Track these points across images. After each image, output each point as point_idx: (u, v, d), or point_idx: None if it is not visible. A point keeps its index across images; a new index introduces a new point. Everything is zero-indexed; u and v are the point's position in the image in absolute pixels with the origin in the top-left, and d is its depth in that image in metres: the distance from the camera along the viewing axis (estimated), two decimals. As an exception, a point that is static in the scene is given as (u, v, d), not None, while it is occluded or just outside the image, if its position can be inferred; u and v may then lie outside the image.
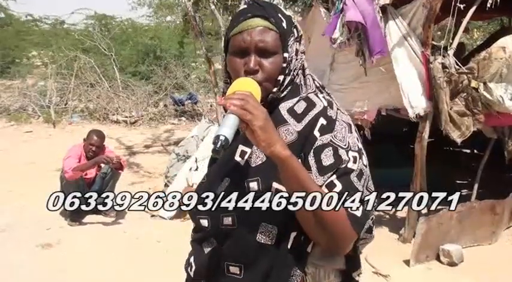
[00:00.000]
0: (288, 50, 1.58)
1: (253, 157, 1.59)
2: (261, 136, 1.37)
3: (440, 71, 5.41)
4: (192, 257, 1.73)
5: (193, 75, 17.20)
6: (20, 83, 16.16)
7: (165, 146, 10.59)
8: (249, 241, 1.56)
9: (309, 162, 1.52)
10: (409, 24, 5.64)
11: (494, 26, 10.51)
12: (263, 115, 1.39)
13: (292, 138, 1.54)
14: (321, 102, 1.62)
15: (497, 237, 5.70)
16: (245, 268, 1.58)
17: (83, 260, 5.15)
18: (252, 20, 1.55)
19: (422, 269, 5.05)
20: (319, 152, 1.52)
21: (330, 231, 1.48)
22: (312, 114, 1.58)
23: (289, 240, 1.56)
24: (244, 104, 1.37)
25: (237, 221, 1.57)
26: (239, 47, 1.56)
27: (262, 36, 1.54)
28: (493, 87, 5.37)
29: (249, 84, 1.49)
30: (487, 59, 5.46)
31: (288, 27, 1.59)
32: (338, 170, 1.51)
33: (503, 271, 4.98)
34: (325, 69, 6.43)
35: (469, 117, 5.52)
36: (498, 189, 6.07)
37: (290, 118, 1.58)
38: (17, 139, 11.29)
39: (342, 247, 1.56)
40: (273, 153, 1.40)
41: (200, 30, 9.77)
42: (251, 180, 1.57)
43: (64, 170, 6.14)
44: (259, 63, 1.55)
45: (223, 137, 1.32)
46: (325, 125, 1.56)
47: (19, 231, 5.89)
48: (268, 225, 1.55)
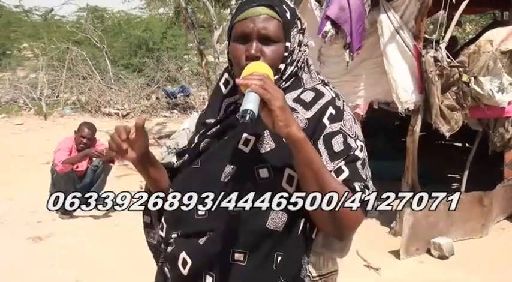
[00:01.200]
0: (291, 39, 1.59)
1: (263, 144, 1.58)
2: (279, 116, 1.37)
3: (432, 65, 5.42)
4: (183, 253, 1.61)
5: (185, 67, 17.14)
6: (10, 75, 16.07)
7: (156, 138, 10.57)
8: (258, 227, 1.55)
9: (318, 149, 1.53)
10: (402, 18, 5.64)
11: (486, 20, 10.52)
12: (281, 95, 1.40)
13: (302, 125, 1.53)
14: (329, 92, 1.64)
15: (488, 230, 5.72)
16: (250, 255, 1.56)
17: (73, 253, 5.14)
18: (257, 8, 1.57)
19: (413, 262, 5.07)
20: (330, 138, 1.55)
21: (342, 221, 1.49)
22: (322, 103, 1.60)
23: (298, 228, 1.57)
24: (264, 84, 1.38)
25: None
26: (242, 33, 1.57)
27: (265, 23, 1.55)
28: (483, 81, 5.38)
29: (264, 68, 1.50)
30: (476, 52, 5.48)
31: (291, 18, 1.60)
32: (347, 156, 1.54)
33: (494, 264, 5.01)
34: (315, 63, 6.41)
35: (458, 111, 5.53)
36: (487, 182, 6.08)
37: (298, 106, 1.59)
38: (8, 131, 11.24)
39: (347, 232, 1.57)
40: (289, 134, 1.40)
41: (192, 23, 9.75)
42: (261, 166, 1.56)
43: (55, 162, 6.12)
44: (261, 50, 1.56)
45: (251, 110, 1.33)
46: (334, 115, 1.59)
47: (10, 224, 5.88)
48: (279, 211, 1.54)
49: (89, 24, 17.88)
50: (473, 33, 11.49)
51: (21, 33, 20.03)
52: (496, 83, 5.46)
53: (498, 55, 5.50)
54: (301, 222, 1.57)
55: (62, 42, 15.80)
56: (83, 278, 4.63)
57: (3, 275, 4.61)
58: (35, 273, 4.69)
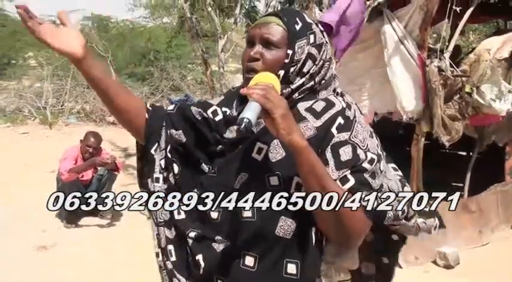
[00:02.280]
0: (295, 48, 1.63)
1: (273, 152, 1.62)
2: (281, 124, 1.42)
3: (436, 74, 5.42)
4: (199, 255, 1.67)
5: (189, 77, 17.19)
6: (15, 84, 16.08)
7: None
8: (268, 234, 1.59)
9: (326, 157, 1.57)
10: (406, 27, 5.63)
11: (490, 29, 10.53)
12: (283, 104, 1.45)
13: (311, 134, 1.59)
14: (340, 103, 1.67)
15: (488, 237, 5.70)
16: (260, 260, 1.61)
17: (78, 262, 5.14)
18: (268, 17, 1.68)
19: (418, 272, 5.07)
20: (337, 147, 1.58)
21: (347, 226, 1.51)
22: (331, 113, 1.63)
23: (311, 237, 1.61)
24: (266, 93, 1.42)
25: (256, 214, 1.60)
26: (249, 37, 1.68)
27: (269, 29, 1.63)
28: (485, 91, 5.39)
29: (271, 78, 1.55)
30: (476, 61, 5.50)
31: (301, 30, 1.65)
32: (355, 166, 1.55)
33: (500, 272, 5.00)
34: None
35: (459, 121, 5.54)
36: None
37: (309, 115, 1.63)
38: (13, 140, 11.25)
39: (353, 241, 1.60)
40: (291, 141, 1.44)
41: (197, 32, 9.79)
42: (271, 174, 1.60)
43: (60, 171, 6.13)
44: (261, 53, 1.63)
45: (247, 119, 1.38)
46: (343, 124, 1.61)
47: (14, 233, 5.87)
48: (287, 219, 1.59)
49: (94, 33, 17.93)
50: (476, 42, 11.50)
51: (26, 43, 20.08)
52: (495, 91, 5.47)
53: (495, 63, 5.51)
54: (312, 231, 1.61)
55: (67, 51, 15.80)
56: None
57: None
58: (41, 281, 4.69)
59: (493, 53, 5.54)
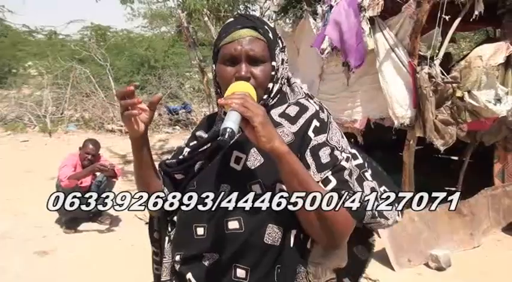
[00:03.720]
0: (276, 58, 1.63)
1: (251, 160, 1.61)
2: (261, 132, 1.40)
3: (427, 81, 5.48)
4: (189, 274, 1.67)
5: (187, 84, 17.22)
6: (16, 92, 16.11)
7: (159, 154, 10.61)
8: (257, 243, 1.58)
9: (306, 161, 1.56)
10: (397, 35, 5.71)
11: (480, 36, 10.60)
12: (262, 112, 1.43)
13: (289, 140, 1.58)
14: (313, 106, 1.67)
15: (480, 240, 5.75)
16: (251, 271, 1.59)
17: (78, 267, 5.15)
18: (242, 31, 1.60)
19: (411, 274, 5.08)
20: (317, 150, 1.58)
21: (331, 226, 1.51)
22: (306, 117, 1.63)
23: (290, 239, 1.59)
24: (244, 102, 1.41)
25: (243, 225, 1.58)
26: (230, 55, 1.59)
27: (252, 45, 1.59)
28: (477, 94, 5.44)
29: (246, 87, 1.53)
30: (467, 67, 5.55)
31: (274, 38, 1.64)
32: (334, 167, 1.56)
33: (491, 276, 5.02)
34: (314, 79, 6.49)
35: (453, 125, 5.59)
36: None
37: (284, 121, 1.62)
38: (14, 148, 11.27)
39: (340, 240, 1.59)
40: (273, 148, 1.43)
41: (194, 41, 9.84)
42: (253, 183, 1.59)
43: (60, 178, 6.14)
44: (250, 71, 1.59)
45: (230, 129, 1.36)
46: (319, 127, 1.62)
47: (16, 238, 5.89)
48: (274, 226, 1.58)
49: (93, 43, 17.97)
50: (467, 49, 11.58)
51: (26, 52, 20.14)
52: (492, 95, 5.52)
53: (489, 69, 5.57)
54: (292, 234, 1.59)
55: (66, 61, 15.88)
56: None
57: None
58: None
59: (486, 60, 5.58)
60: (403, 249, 5.24)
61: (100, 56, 16.54)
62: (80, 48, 17.39)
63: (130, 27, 26.51)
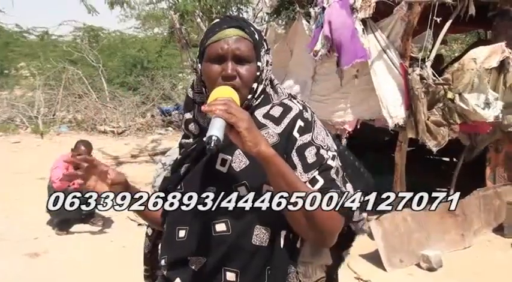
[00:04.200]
0: (261, 59, 1.63)
1: (236, 162, 1.60)
2: (247, 137, 1.40)
3: (418, 82, 5.51)
4: (177, 279, 1.65)
5: (180, 86, 17.18)
6: (8, 94, 16.03)
7: (151, 155, 10.58)
8: (245, 245, 1.56)
9: (293, 161, 1.55)
10: (388, 37, 5.74)
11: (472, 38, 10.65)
12: (247, 117, 1.43)
13: (274, 141, 1.57)
14: (296, 106, 1.66)
15: (471, 241, 5.77)
16: (241, 273, 1.57)
17: (70, 269, 5.13)
18: (228, 30, 1.59)
19: (402, 275, 5.10)
20: (303, 150, 1.57)
21: (320, 225, 1.51)
22: (290, 117, 1.61)
23: (280, 240, 1.58)
24: (228, 108, 1.40)
25: (231, 227, 1.57)
26: (217, 54, 1.58)
27: (239, 44, 1.58)
28: (468, 98, 5.47)
29: (228, 92, 1.52)
30: (460, 70, 5.58)
31: (259, 39, 1.64)
32: (321, 166, 1.56)
33: (481, 276, 5.06)
34: (306, 80, 6.50)
35: (445, 127, 5.61)
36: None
37: (268, 122, 1.61)
38: (5, 150, 11.22)
39: (330, 239, 1.59)
40: (259, 152, 1.42)
41: (186, 42, 9.83)
42: (239, 185, 1.58)
43: (52, 179, 6.14)
44: (236, 69, 1.57)
45: (216, 137, 1.35)
46: (303, 127, 1.61)
47: (7, 240, 5.86)
48: (261, 227, 1.57)
49: (85, 44, 17.91)
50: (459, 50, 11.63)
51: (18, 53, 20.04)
52: (482, 99, 5.54)
53: (483, 72, 5.59)
54: (282, 234, 1.59)
55: (59, 62, 15.81)
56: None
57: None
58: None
59: (481, 63, 5.61)
60: (395, 249, 5.25)
61: (92, 57, 16.50)
62: (72, 49, 17.32)
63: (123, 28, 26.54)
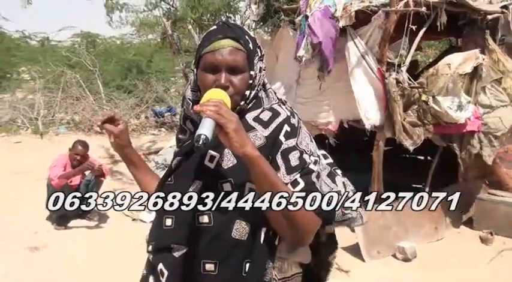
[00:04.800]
0: (254, 68, 1.63)
1: (224, 160, 1.62)
2: (234, 138, 1.42)
3: (395, 86, 5.55)
4: (160, 264, 1.67)
5: (172, 89, 17.16)
6: (10, 96, 15.92)
7: (146, 154, 10.56)
8: (225, 238, 1.58)
9: (277, 163, 1.58)
10: (367, 44, 5.77)
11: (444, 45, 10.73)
12: (235, 119, 1.44)
13: (261, 143, 1.59)
14: (285, 111, 1.67)
15: (443, 233, 5.83)
16: (220, 264, 1.59)
17: (69, 261, 5.13)
18: (224, 41, 1.59)
19: (379, 265, 5.15)
20: (287, 154, 1.59)
21: (298, 226, 1.53)
22: (278, 122, 1.63)
23: (260, 236, 1.60)
24: (218, 109, 1.42)
25: (213, 219, 1.59)
26: (211, 64, 1.59)
27: (233, 55, 1.58)
28: (441, 100, 5.52)
29: (220, 94, 1.54)
30: (434, 74, 5.63)
31: (253, 48, 1.64)
32: (303, 169, 1.58)
33: (451, 264, 5.14)
34: (292, 84, 6.52)
35: (420, 127, 5.66)
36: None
37: (257, 125, 1.63)
38: (8, 149, 11.14)
39: (306, 238, 1.61)
40: (245, 153, 1.44)
41: (178, 48, 9.82)
42: (224, 181, 1.60)
43: (50, 177, 6.12)
44: (229, 79, 1.58)
45: (204, 135, 1.38)
46: (290, 131, 1.62)
47: (9, 235, 5.83)
48: (242, 222, 1.58)
49: (83, 49, 17.84)
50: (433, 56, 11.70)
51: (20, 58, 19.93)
52: (456, 102, 5.59)
53: (457, 77, 5.64)
54: (262, 231, 1.61)
55: (58, 66, 15.72)
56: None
57: None
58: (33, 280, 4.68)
59: (455, 68, 5.66)
60: (373, 241, 5.29)
61: (89, 61, 16.41)
62: (71, 54, 17.23)
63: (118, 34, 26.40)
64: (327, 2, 5.86)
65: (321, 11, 5.83)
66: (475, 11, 5.97)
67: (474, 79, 5.81)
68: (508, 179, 6.42)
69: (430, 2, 5.55)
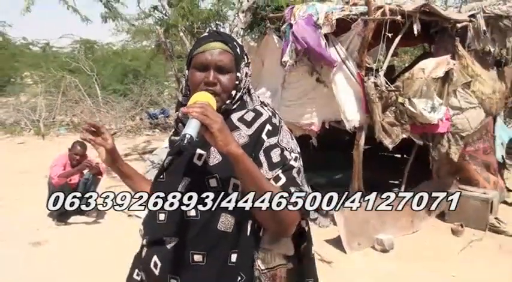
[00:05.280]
0: (240, 71, 1.66)
1: (211, 158, 1.64)
2: (219, 137, 1.42)
3: (373, 89, 5.57)
4: (155, 256, 1.67)
5: (165, 92, 17.14)
6: (14, 100, 15.87)
7: (141, 154, 10.51)
8: (212, 230, 1.59)
9: (260, 160, 1.59)
10: (347, 50, 5.77)
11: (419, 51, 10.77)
12: (220, 120, 1.44)
13: (245, 141, 1.61)
14: (267, 112, 1.71)
15: (418, 226, 5.86)
16: (208, 255, 1.60)
17: (69, 255, 5.10)
18: (213, 43, 1.64)
19: (359, 256, 5.15)
20: (269, 151, 1.61)
21: (281, 219, 1.55)
22: (260, 121, 1.66)
23: (247, 228, 1.62)
24: (204, 111, 1.42)
25: (199, 213, 1.60)
26: (201, 63, 1.62)
27: (221, 56, 1.62)
28: (416, 102, 5.55)
29: (207, 97, 1.56)
30: (410, 78, 5.65)
31: (240, 53, 1.68)
32: (284, 166, 1.59)
33: (427, 255, 5.17)
34: (277, 88, 6.51)
35: (397, 127, 5.68)
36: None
37: (241, 125, 1.66)
38: (12, 149, 11.08)
39: (289, 231, 1.63)
40: (229, 151, 1.44)
41: (171, 54, 9.79)
42: (210, 177, 1.62)
43: (51, 176, 6.08)
44: (217, 78, 1.62)
45: (189, 135, 1.39)
46: (271, 130, 1.65)
47: (13, 231, 5.80)
48: (227, 215, 1.60)
49: (82, 55, 17.76)
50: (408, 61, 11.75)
51: (23, 63, 19.88)
52: (429, 104, 5.62)
53: (430, 81, 5.67)
54: (248, 223, 1.62)
55: (58, 71, 15.65)
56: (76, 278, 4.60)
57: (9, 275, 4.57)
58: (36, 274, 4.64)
59: (428, 72, 5.69)
60: (354, 234, 5.30)
61: (88, 67, 16.34)
62: (70, 60, 17.16)
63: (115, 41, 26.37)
64: (310, 11, 5.85)
65: (304, 19, 5.82)
66: (445, 19, 6.01)
67: (446, 83, 5.86)
68: (477, 175, 6.48)
69: (405, 11, 5.57)
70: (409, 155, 6.56)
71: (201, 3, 9.14)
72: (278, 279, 1.75)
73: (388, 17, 5.48)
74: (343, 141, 8.12)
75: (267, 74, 6.72)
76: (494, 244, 5.50)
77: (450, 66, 5.80)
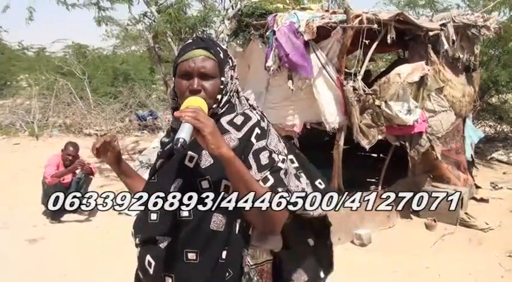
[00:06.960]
0: (225, 75, 1.64)
1: (202, 160, 1.61)
2: (210, 140, 1.41)
3: (352, 92, 5.57)
4: (148, 255, 1.65)
5: (153, 95, 17.04)
6: (10, 102, 15.69)
7: (130, 154, 10.40)
8: (204, 229, 1.58)
9: (249, 162, 1.58)
10: (327, 55, 5.76)
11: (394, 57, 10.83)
12: (211, 123, 1.43)
13: (235, 144, 1.59)
14: (255, 116, 1.68)
15: (394, 221, 5.88)
16: (201, 253, 1.58)
17: (63, 251, 5.06)
18: (196, 51, 1.61)
19: (340, 250, 5.13)
20: (258, 153, 1.59)
21: (269, 218, 1.55)
22: (249, 125, 1.64)
23: (236, 227, 1.61)
24: (196, 115, 1.41)
25: (192, 213, 1.59)
26: (185, 71, 1.61)
27: (204, 63, 1.60)
28: (392, 105, 5.56)
29: (199, 102, 1.55)
30: (386, 82, 5.67)
31: (224, 58, 1.65)
32: (272, 167, 1.58)
33: (403, 248, 5.20)
34: (262, 90, 6.48)
35: (374, 128, 5.69)
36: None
37: (231, 128, 1.63)
38: (7, 150, 10.93)
39: (277, 228, 1.63)
40: (221, 154, 1.44)
41: (159, 59, 9.73)
42: (202, 179, 1.59)
43: (45, 176, 6.00)
44: (202, 84, 1.59)
45: (182, 139, 1.38)
46: (260, 134, 1.63)
47: (10, 228, 5.74)
48: (218, 215, 1.58)
49: (73, 59, 17.59)
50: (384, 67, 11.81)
51: (18, 67, 19.71)
52: (405, 107, 5.64)
53: (406, 85, 5.69)
54: (238, 222, 1.61)
55: (51, 74, 15.47)
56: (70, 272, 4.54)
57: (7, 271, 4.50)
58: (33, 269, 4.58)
59: (404, 77, 5.72)
60: (335, 229, 5.26)
61: (79, 70, 16.17)
62: (63, 64, 16.97)
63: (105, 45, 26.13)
64: (291, 19, 5.83)
65: (286, 26, 5.79)
66: (418, 27, 6.04)
67: (421, 87, 5.89)
68: (449, 173, 6.53)
69: (381, 20, 5.59)
70: (386, 155, 6.58)
71: (188, 11, 9.07)
72: (265, 274, 1.76)
73: (366, 25, 5.49)
74: (323, 141, 8.13)
75: (253, 77, 6.69)
76: (464, 237, 5.55)
77: (425, 71, 5.84)
